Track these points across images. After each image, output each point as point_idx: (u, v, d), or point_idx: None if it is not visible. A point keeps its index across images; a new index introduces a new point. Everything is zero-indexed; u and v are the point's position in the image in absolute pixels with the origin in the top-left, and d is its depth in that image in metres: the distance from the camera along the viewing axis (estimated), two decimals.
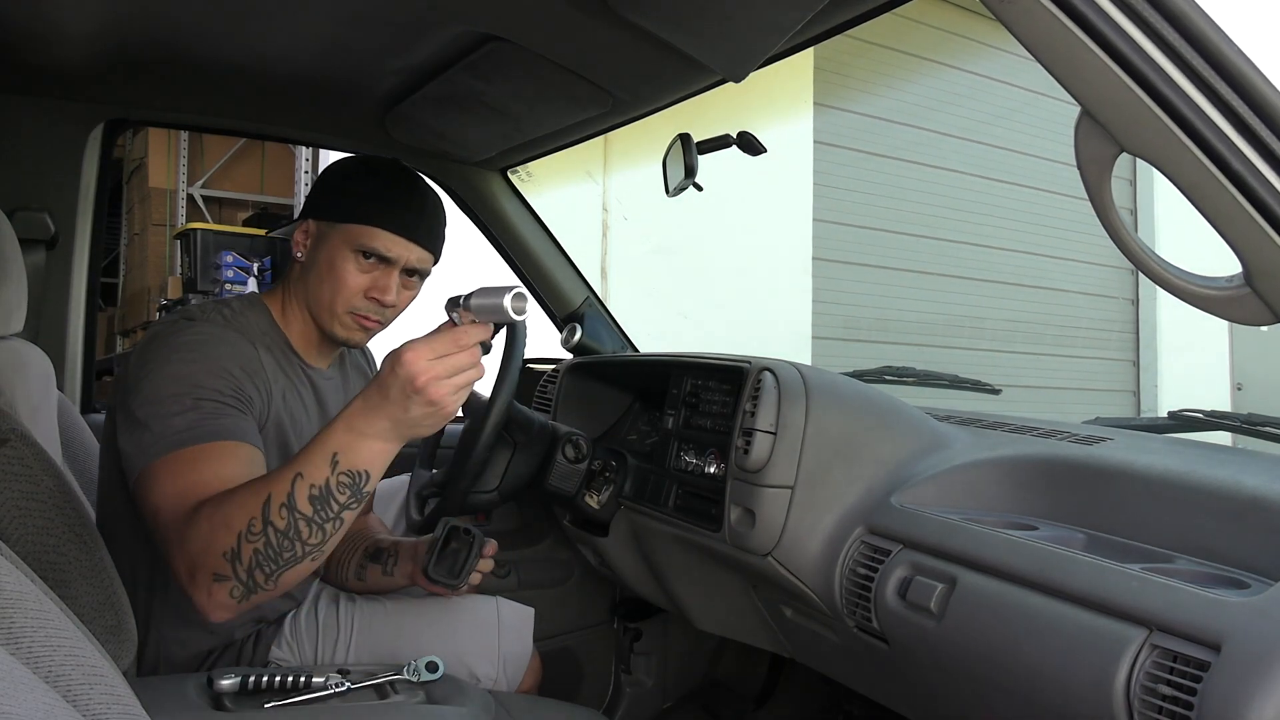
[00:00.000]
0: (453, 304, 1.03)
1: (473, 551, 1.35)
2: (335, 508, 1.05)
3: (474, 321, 1.01)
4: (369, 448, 1.03)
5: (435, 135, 1.86)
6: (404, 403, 1.00)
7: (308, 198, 1.40)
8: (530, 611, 1.54)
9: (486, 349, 1.04)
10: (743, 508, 1.28)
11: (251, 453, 1.14)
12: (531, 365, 2.09)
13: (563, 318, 2.14)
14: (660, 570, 1.59)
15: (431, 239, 1.35)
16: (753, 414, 1.27)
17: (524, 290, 0.99)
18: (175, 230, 4.76)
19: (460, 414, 1.64)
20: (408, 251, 1.31)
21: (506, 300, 0.98)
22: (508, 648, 1.47)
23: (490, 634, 1.47)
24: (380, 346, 1.47)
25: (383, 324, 1.36)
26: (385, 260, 1.31)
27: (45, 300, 1.77)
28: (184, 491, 1.07)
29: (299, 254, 1.35)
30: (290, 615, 1.42)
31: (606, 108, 1.61)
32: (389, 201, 1.31)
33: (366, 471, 1.04)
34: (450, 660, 1.32)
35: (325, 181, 1.37)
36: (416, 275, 1.36)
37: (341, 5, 1.33)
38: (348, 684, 1.20)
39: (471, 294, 1.02)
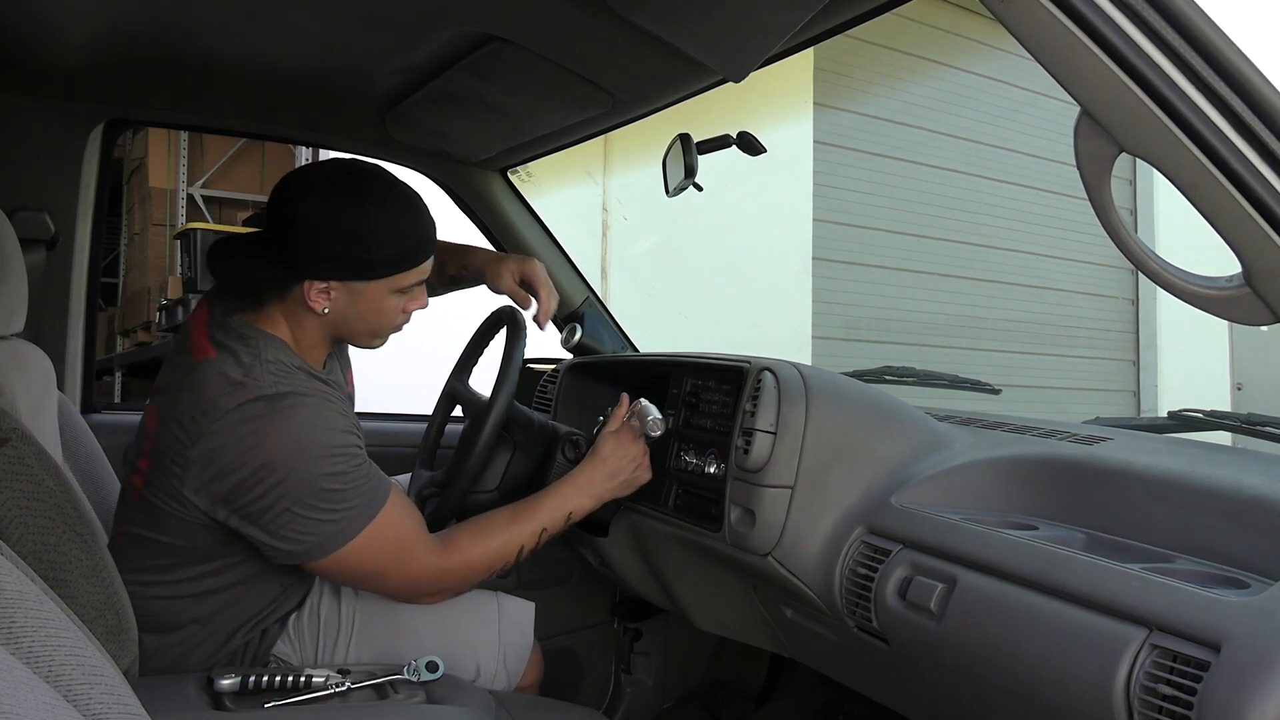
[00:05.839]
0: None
1: None
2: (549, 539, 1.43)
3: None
4: (588, 504, 1.44)
5: (435, 135, 1.86)
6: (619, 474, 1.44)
7: (311, 254, 1.24)
8: (530, 605, 1.54)
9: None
10: (743, 508, 1.28)
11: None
12: (531, 365, 2.09)
13: (563, 318, 2.13)
14: (660, 570, 1.59)
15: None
16: (753, 414, 1.27)
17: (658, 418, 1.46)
18: (175, 230, 4.75)
19: (460, 413, 1.66)
20: (430, 262, 1.35)
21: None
22: (509, 641, 1.48)
23: (491, 628, 1.47)
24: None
25: None
26: (420, 282, 1.34)
27: (45, 300, 1.77)
28: (401, 552, 1.29)
29: (323, 310, 1.27)
30: (293, 615, 1.42)
31: (606, 108, 1.61)
32: (415, 238, 1.30)
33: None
34: (451, 656, 1.33)
35: (340, 243, 1.24)
36: None
37: (341, 5, 1.33)
38: (348, 684, 1.20)
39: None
